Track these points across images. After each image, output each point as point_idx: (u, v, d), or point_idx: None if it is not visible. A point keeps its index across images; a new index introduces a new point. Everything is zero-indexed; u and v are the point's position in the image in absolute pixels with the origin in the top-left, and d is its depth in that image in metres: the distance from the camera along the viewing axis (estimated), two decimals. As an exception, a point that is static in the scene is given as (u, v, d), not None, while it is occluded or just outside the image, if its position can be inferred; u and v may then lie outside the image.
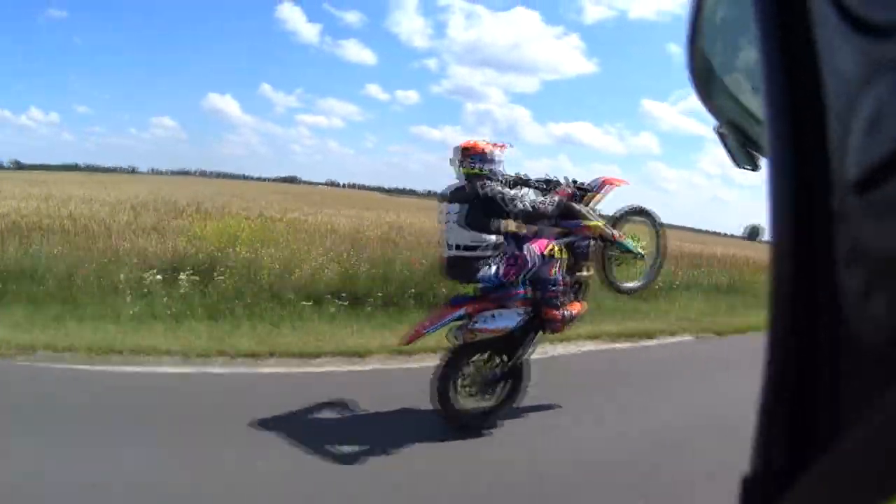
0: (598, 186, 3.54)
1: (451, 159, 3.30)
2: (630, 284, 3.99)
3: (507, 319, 3.18)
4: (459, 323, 3.16)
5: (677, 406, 3.93)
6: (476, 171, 3.21)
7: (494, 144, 3.33)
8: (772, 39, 0.21)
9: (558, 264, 3.25)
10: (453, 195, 3.23)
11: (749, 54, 0.22)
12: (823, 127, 0.20)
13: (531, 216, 3.25)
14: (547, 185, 3.49)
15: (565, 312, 3.32)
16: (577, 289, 3.53)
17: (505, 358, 3.28)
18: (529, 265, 3.17)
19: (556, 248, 3.25)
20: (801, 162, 0.20)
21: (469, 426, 3.22)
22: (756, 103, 0.27)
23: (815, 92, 0.20)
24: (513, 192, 3.21)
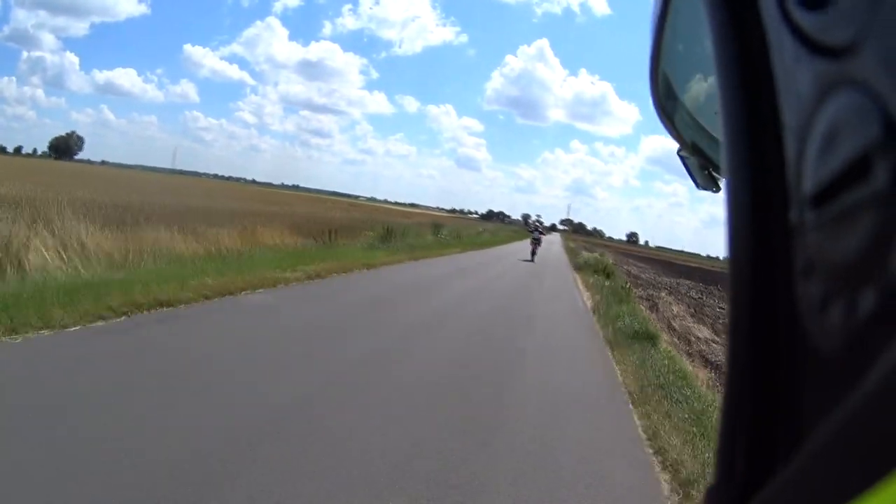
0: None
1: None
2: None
3: (537, 246, 22.47)
4: (533, 246, 22.28)
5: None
6: (538, 225, 28.97)
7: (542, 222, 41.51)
8: (729, 63, 0.22)
9: (540, 241, 23.38)
10: (532, 226, 29.64)
11: (709, 79, 0.22)
12: (780, 145, 0.20)
13: (542, 233, 25.16)
14: (544, 225, 30.20)
15: (537, 249, 22.42)
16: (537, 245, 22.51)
17: (533, 251, 22.06)
18: (541, 240, 23.86)
19: (541, 238, 24.23)
20: (758, 179, 0.20)
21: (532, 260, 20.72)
22: (716, 125, 0.27)
23: (771, 112, 0.20)
24: (542, 229, 27.11)
